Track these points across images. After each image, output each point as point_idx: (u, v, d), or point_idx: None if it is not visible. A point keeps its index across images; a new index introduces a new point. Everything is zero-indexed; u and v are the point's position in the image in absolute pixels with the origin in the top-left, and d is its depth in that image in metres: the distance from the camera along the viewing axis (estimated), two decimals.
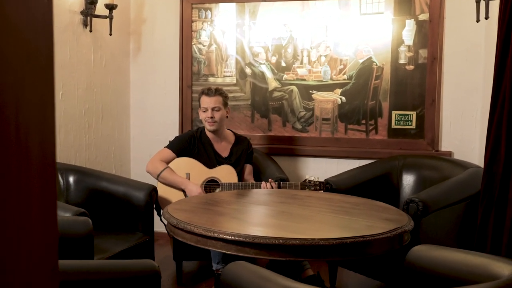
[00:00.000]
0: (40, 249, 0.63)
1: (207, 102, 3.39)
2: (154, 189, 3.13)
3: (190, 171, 3.33)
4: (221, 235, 2.06)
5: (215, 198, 2.78)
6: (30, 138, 0.59)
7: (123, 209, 3.11)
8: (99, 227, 3.04)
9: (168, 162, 3.35)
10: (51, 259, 0.65)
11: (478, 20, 3.06)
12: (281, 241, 1.98)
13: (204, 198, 2.76)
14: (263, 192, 3.05)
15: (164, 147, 3.47)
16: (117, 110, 4.29)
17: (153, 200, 3.12)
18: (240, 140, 3.55)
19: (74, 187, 3.18)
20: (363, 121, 3.98)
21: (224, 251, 2.10)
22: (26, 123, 0.59)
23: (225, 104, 3.45)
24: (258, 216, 2.46)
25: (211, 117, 3.38)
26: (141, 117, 4.48)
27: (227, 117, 3.52)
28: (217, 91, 3.43)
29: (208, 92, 3.42)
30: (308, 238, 1.99)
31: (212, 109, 3.38)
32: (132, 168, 4.51)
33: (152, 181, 3.37)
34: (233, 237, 2.04)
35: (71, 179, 3.19)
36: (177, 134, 4.35)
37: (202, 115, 3.44)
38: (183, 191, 3.30)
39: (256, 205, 2.69)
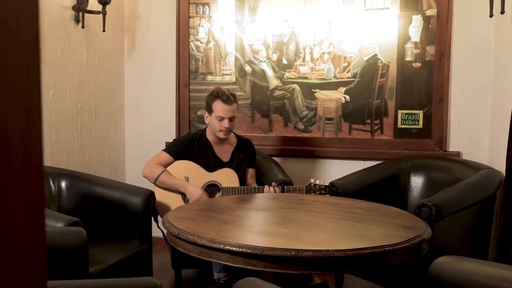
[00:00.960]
0: (24, 267, 0.54)
1: (225, 110, 3.15)
2: (151, 194, 2.97)
3: (189, 175, 3.17)
4: (227, 247, 1.90)
5: (217, 204, 2.61)
6: (12, 138, 0.51)
7: (119, 216, 2.94)
8: (94, 235, 2.87)
9: (165, 166, 3.18)
10: (38, 280, 0.56)
11: (491, 15, 2.91)
12: (293, 253, 1.82)
13: (205, 205, 2.60)
14: (267, 197, 2.89)
15: (162, 150, 3.30)
16: (111, 110, 4.11)
17: (150, 206, 2.96)
18: (242, 143, 3.38)
19: (66, 193, 3.00)
20: (368, 121, 3.83)
21: (230, 264, 1.94)
22: (7, 121, 0.51)
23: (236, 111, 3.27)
24: (265, 224, 2.30)
25: (227, 127, 3.17)
26: (136, 117, 4.31)
27: None
28: (234, 98, 3.19)
29: (227, 99, 3.14)
30: (322, 249, 1.83)
31: (230, 118, 3.18)
32: (127, 171, 4.34)
33: (148, 185, 3.20)
34: (240, 249, 1.88)
35: (63, 184, 3.02)
36: (173, 135, 4.19)
37: (215, 124, 3.18)
38: (183, 194, 3.13)
39: (262, 211, 2.53)
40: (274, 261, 1.86)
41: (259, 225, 2.28)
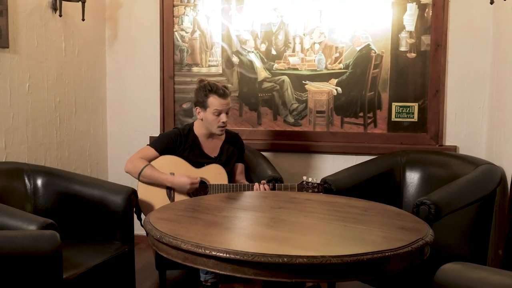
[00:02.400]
0: None
1: (221, 104, 2.99)
2: (133, 192, 2.79)
3: (175, 171, 2.99)
4: (213, 252, 1.73)
5: (203, 204, 2.44)
6: None
7: (98, 216, 2.76)
8: (72, 236, 2.70)
9: (150, 161, 3.00)
10: None
11: (492, 2, 2.76)
12: (285, 259, 1.66)
13: (190, 205, 2.43)
14: (257, 196, 2.72)
15: (147, 145, 3.11)
16: (92, 104, 3.91)
17: (132, 205, 2.78)
18: (231, 137, 3.21)
19: (42, 191, 2.81)
20: (361, 114, 3.68)
21: (217, 271, 1.77)
22: None
23: None
24: (255, 226, 2.13)
25: (226, 121, 3.02)
26: (118, 111, 4.12)
27: None
28: (228, 91, 3.05)
29: (224, 93, 2.99)
30: (317, 255, 1.67)
31: (227, 112, 3.03)
32: (109, 167, 4.15)
33: (132, 183, 3.02)
34: (228, 255, 1.71)
35: (39, 182, 2.83)
36: (158, 129, 4.02)
37: (213, 119, 3.01)
38: (168, 189, 2.96)
39: (251, 211, 2.36)
40: (266, 268, 1.70)
41: (248, 227, 2.12)
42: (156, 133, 3.98)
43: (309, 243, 1.87)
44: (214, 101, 2.98)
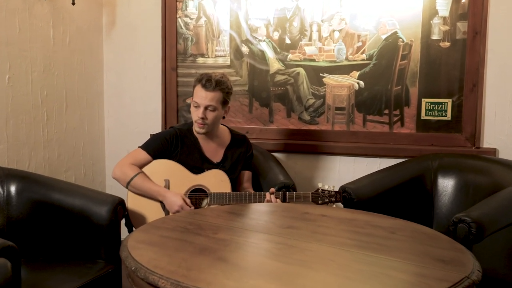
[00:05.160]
0: None
1: (201, 96, 2.58)
2: (120, 203, 2.41)
3: (170, 177, 2.60)
4: None
5: (198, 220, 2.04)
6: None
7: (79, 230, 2.39)
8: (48, 254, 2.34)
9: (141, 167, 2.62)
10: None
11: None
12: None
13: (182, 222, 2.03)
14: (264, 209, 2.32)
15: (138, 147, 2.73)
16: (86, 98, 3.54)
17: (119, 217, 2.40)
18: (237, 140, 2.80)
19: (16, 199, 2.45)
20: (386, 111, 3.24)
21: None
22: None
23: (225, 102, 2.65)
24: (256, 255, 1.72)
25: (202, 118, 2.60)
26: (117, 105, 3.74)
27: (224, 117, 2.74)
28: (218, 84, 2.58)
29: (206, 83, 2.56)
30: None
31: (206, 107, 2.59)
32: (107, 167, 3.79)
33: (123, 190, 2.65)
34: None
35: (12, 188, 2.45)
36: (159, 125, 3.64)
37: (193, 111, 2.64)
38: (161, 202, 2.58)
39: (254, 232, 1.94)
40: None
41: (247, 258, 1.70)
42: (158, 130, 3.60)
43: (321, 284, 1.46)
44: (196, 91, 2.62)
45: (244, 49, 3.43)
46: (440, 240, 1.83)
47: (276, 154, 3.33)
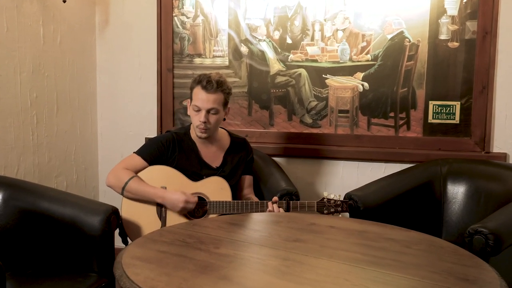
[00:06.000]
0: None
1: (202, 99, 2.43)
2: (114, 212, 2.26)
3: (168, 184, 2.46)
4: None
5: (198, 232, 1.90)
6: None
7: (70, 241, 2.24)
8: (37, 267, 2.19)
9: (136, 173, 2.47)
10: None
11: None
12: None
13: (181, 234, 1.88)
14: (267, 220, 2.18)
15: (133, 152, 2.58)
16: (78, 100, 3.39)
17: (112, 227, 2.25)
18: (236, 144, 2.66)
19: (2, 208, 2.30)
20: (392, 114, 3.11)
21: None
22: None
23: (225, 104, 2.50)
24: (262, 272, 1.57)
25: (204, 122, 2.45)
26: (110, 107, 3.59)
27: (224, 119, 2.59)
28: (220, 85, 2.43)
29: (207, 85, 2.41)
30: None
31: (208, 111, 2.45)
32: (100, 172, 3.63)
33: (117, 196, 2.51)
34: None
35: None
36: (155, 128, 3.49)
37: (193, 117, 2.50)
38: (159, 206, 2.43)
39: (259, 246, 1.80)
40: None
41: (251, 276, 1.56)
42: (153, 133, 3.47)
43: None
44: (197, 94, 2.47)
45: (243, 49, 3.29)
46: (460, 255, 1.70)
47: (276, 159, 3.19)
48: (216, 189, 2.46)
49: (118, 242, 2.43)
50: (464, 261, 1.65)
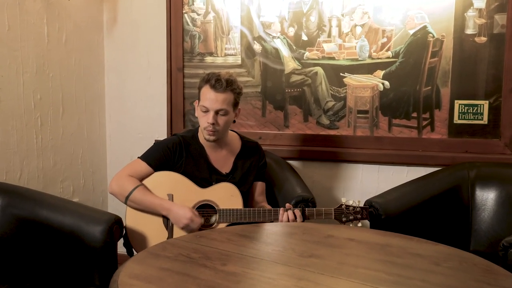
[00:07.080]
0: None
1: (211, 99, 2.28)
2: (117, 221, 2.12)
3: (174, 192, 2.31)
4: None
5: (205, 246, 1.75)
6: None
7: (70, 252, 2.11)
8: (35, 279, 2.06)
9: (141, 179, 2.33)
10: None
11: None
12: None
13: (187, 247, 1.73)
14: (281, 231, 2.02)
15: (138, 157, 2.43)
16: (85, 101, 3.26)
17: (115, 238, 2.11)
18: (248, 148, 2.49)
19: (0, 216, 2.17)
20: (414, 114, 2.92)
21: None
22: None
23: (236, 104, 2.34)
24: None
25: (213, 124, 2.30)
26: (119, 109, 3.46)
27: (234, 121, 2.42)
28: (229, 84, 2.28)
29: (216, 84, 2.26)
30: None
31: (217, 112, 2.29)
32: (109, 175, 3.51)
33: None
34: None
35: None
36: (165, 130, 3.35)
37: (200, 118, 2.35)
38: (165, 218, 2.28)
39: (270, 262, 1.64)
40: None
41: None
42: (163, 135, 3.33)
43: None
44: (205, 93, 2.31)
45: (257, 47, 3.13)
46: (498, 275, 1.52)
47: (291, 162, 3.03)
48: (226, 196, 2.31)
49: (121, 249, 2.30)
50: (502, 281, 1.47)
